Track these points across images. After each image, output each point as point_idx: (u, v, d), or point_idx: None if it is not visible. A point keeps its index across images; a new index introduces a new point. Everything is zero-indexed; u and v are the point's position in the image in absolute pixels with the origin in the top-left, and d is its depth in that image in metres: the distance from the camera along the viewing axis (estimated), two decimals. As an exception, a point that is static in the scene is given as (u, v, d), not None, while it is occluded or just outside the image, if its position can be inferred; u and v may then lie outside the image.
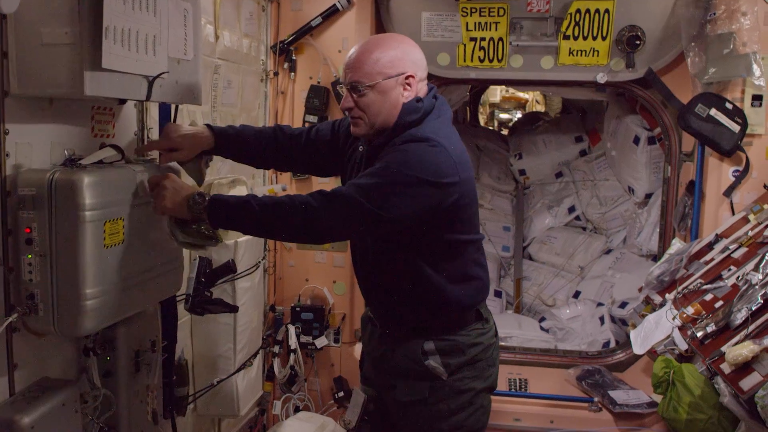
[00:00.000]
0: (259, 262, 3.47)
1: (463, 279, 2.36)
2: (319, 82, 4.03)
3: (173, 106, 2.55)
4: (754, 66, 3.69)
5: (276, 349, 4.04)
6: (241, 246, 3.18)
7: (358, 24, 4.01)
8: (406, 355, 2.37)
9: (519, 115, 11.77)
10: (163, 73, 2.12)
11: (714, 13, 3.77)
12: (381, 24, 4.22)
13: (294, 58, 4.04)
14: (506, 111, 12.62)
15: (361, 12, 4.02)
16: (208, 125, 2.50)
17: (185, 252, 2.58)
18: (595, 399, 4.08)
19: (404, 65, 2.25)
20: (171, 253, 2.36)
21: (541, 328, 5.16)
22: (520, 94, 12.00)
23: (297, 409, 4.09)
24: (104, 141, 2.27)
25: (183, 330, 3.00)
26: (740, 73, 3.73)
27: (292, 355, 3.98)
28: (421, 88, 2.30)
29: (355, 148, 2.44)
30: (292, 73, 4.05)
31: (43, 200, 1.88)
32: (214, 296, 2.90)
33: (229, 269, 2.88)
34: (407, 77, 2.25)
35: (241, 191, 3.42)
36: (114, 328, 2.20)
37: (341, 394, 4.13)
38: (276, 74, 4.03)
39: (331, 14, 3.96)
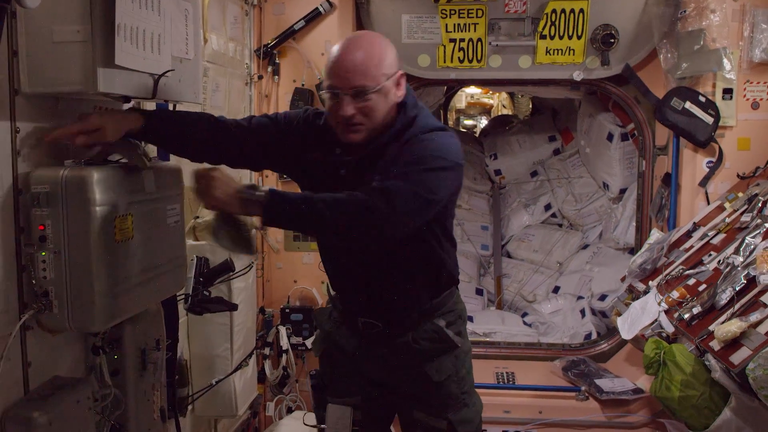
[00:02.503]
0: (252, 262, 3.49)
1: (452, 250, 2.43)
2: (303, 85, 4.07)
3: (171, 106, 2.57)
4: (725, 60, 3.84)
5: (266, 351, 4.05)
6: (235, 245, 3.19)
7: (340, 27, 4.07)
8: (424, 338, 2.36)
9: (484, 121, 11.92)
10: (168, 71, 2.14)
11: (684, 11, 3.92)
12: (362, 27, 4.28)
13: (277, 61, 4.09)
14: (471, 117, 12.76)
15: (343, 15, 4.09)
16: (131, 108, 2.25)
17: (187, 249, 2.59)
18: (582, 388, 4.18)
19: (397, 64, 2.21)
20: (175, 250, 2.38)
21: (524, 323, 5.25)
22: (485, 100, 12.15)
23: (290, 410, 4.10)
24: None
25: (180, 330, 2.99)
26: (711, 68, 3.88)
27: (283, 356, 4.00)
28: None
29: (324, 151, 2.28)
30: (276, 77, 4.10)
31: (57, 197, 1.89)
32: (212, 295, 2.93)
33: (227, 268, 2.90)
34: (400, 76, 2.22)
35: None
36: (121, 326, 2.20)
37: (332, 393, 4.15)
38: (260, 78, 4.06)
39: (313, 18, 4.02)
